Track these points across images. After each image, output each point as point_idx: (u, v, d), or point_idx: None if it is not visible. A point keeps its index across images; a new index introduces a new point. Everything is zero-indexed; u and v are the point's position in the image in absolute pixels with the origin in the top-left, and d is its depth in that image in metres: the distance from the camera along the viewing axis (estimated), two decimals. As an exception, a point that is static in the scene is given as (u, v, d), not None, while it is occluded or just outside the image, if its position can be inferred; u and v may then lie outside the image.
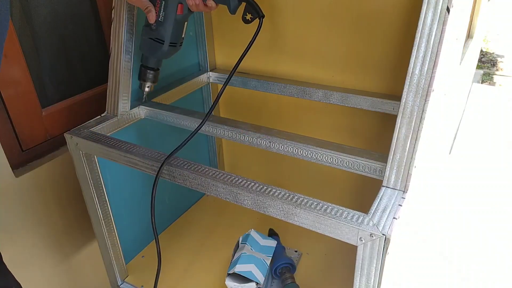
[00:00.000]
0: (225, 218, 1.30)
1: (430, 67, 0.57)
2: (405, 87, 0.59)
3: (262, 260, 0.98)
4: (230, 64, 1.25)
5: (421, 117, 0.59)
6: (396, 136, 0.61)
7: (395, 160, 0.62)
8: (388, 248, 0.54)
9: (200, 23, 1.17)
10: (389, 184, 0.64)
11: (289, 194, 0.62)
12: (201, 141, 1.37)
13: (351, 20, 0.98)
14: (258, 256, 0.99)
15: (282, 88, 1.09)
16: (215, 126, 0.87)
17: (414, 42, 0.58)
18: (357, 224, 0.55)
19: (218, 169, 0.70)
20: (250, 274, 0.93)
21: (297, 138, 0.78)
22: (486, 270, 1.57)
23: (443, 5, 0.55)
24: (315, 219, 0.58)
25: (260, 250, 1.01)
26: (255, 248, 1.01)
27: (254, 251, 1.00)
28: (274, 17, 1.09)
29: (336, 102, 1.02)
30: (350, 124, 1.11)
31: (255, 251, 1.00)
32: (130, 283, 1.08)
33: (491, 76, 3.99)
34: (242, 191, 0.64)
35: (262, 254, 1.00)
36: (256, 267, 0.95)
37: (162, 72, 1.12)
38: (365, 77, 1.02)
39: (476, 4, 1.68)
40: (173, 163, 0.73)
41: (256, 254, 0.99)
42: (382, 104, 0.96)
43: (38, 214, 1.00)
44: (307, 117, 1.17)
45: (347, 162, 0.72)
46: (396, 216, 0.57)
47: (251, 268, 0.95)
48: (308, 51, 1.08)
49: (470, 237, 1.74)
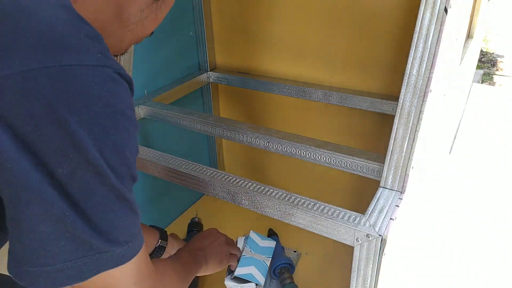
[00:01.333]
0: (224, 218, 1.31)
1: (428, 67, 0.57)
2: (402, 88, 0.59)
3: (262, 261, 0.98)
4: (230, 64, 1.25)
5: (418, 118, 0.59)
6: (393, 136, 0.62)
7: (393, 160, 0.62)
8: (384, 248, 0.54)
9: (200, 23, 1.17)
10: (386, 184, 0.64)
11: (286, 194, 0.62)
12: (201, 141, 1.38)
13: (351, 21, 0.98)
14: (258, 257, 0.99)
15: (281, 88, 1.09)
16: (214, 126, 0.87)
17: (412, 43, 0.58)
18: (354, 224, 0.55)
19: (216, 169, 0.70)
20: (250, 276, 0.93)
21: (295, 138, 0.78)
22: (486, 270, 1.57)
23: (440, 5, 0.55)
24: (312, 220, 0.58)
25: (259, 251, 1.01)
26: (254, 250, 1.01)
27: (253, 252, 1.00)
28: (274, 17, 1.09)
29: (336, 103, 1.02)
30: (349, 124, 1.11)
31: (255, 253, 1.00)
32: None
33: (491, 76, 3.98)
34: (239, 191, 0.65)
35: (262, 255, 1.00)
36: (256, 268, 0.95)
37: (162, 71, 1.13)
38: (364, 78, 1.02)
39: (476, 4, 1.67)
40: (172, 163, 0.73)
41: (255, 256, 0.99)
42: (381, 104, 0.96)
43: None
44: (307, 117, 1.18)
45: (345, 162, 0.72)
46: (393, 217, 0.57)
47: (251, 270, 0.95)
48: (307, 51, 1.08)
49: (470, 237, 1.74)
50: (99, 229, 0.37)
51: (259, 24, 1.12)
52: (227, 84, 1.22)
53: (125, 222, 0.39)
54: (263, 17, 1.11)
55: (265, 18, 1.11)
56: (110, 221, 0.38)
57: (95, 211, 0.36)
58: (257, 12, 1.11)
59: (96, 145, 0.35)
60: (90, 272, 0.38)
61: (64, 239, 0.35)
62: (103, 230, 0.37)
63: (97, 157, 0.35)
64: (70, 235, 0.36)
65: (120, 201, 0.38)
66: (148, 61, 1.06)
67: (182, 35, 1.17)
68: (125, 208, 0.39)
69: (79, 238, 0.36)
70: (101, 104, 0.35)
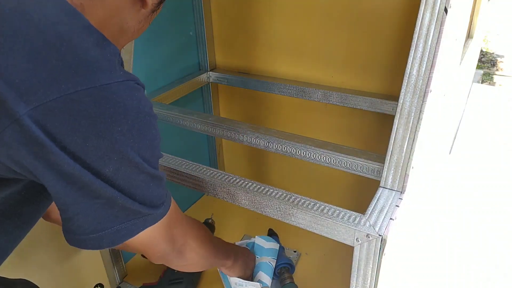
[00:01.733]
0: (225, 218, 1.30)
1: (428, 67, 0.57)
2: (402, 88, 0.59)
3: (268, 262, 0.98)
4: (230, 64, 1.25)
5: (418, 118, 0.59)
6: (393, 136, 0.62)
7: (392, 160, 0.62)
8: (384, 248, 0.54)
9: (200, 23, 1.17)
10: (386, 184, 0.64)
11: (286, 194, 0.62)
12: (201, 141, 1.38)
13: (350, 20, 0.98)
14: (264, 260, 0.98)
15: (281, 88, 1.09)
16: (214, 126, 0.87)
17: (412, 43, 0.58)
18: (354, 224, 0.55)
19: (216, 169, 0.70)
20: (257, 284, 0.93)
21: (295, 138, 0.78)
22: (486, 270, 1.57)
23: (440, 5, 0.55)
24: (312, 220, 0.58)
25: (265, 253, 1.01)
26: (260, 254, 1.00)
27: (260, 257, 0.99)
28: (274, 17, 1.09)
29: (335, 102, 1.02)
30: (349, 124, 1.11)
31: (261, 257, 0.99)
32: (129, 283, 1.08)
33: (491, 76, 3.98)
34: (239, 191, 0.65)
35: (268, 257, 1.00)
36: (263, 273, 0.95)
37: (162, 71, 1.13)
38: (364, 78, 1.02)
39: (476, 4, 1.67)
40: (172, 163, 0.73)
41: (262, 260, 0.99)
42: (381, 104, 0.96)
43: (38, 214, 1.00)
44: (306, 117, 1.18)
45: (345, 162, 0.72)
46: (393, 216, 0.57)
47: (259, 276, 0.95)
48: (308, 51, 1.08)
49: (470, 237, 1.74)
50: (142, 201, 0.47)
51: (259, 24, 1.12)
52: (227, 84, 1.22)
53: (159, 191, 0.50)
54: (263, 17, 1.11)
55: (265, 18, 1.11)
56: (149, 195, 0.48)
57: (138, 191, 0.46)
58: (257, 12, 1.11)
59: (134, 147, 0.44)
60: (138, 230, 0.49)
61: (117, 209, 0.45)
62: (146, 201, 0.48)
63: (135, 156, 0.44)
64: (121, 207, 0.45)
65: (153, 180, 0.48)
66: (148, 61, 1.06)
67: (182, 35, 1.17)
68: (157, 181, 0.49)
69: (129, 209, 0.46)
70: (135, 112, 0.43)
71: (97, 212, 0.44)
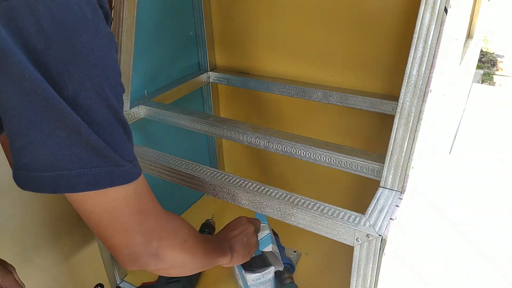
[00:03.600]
0: (225, 218, 1.30)
1: (428, 67, 0.57)
2: (402, 88, 0.59)
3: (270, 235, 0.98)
4: (230, 64, 1.25)
5: (418, 118, 0.59)
6: (393, 136, 0.62)
7: (392, 160, 0.62)
8: (384, 248, 0.54)
9: (200, 23, 1.17)
10: (386, 184, 0.64)
11: (286, 194, 0.62)
12: (201, 141, 1.38)
13: (350, 20, 0.98)
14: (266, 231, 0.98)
15: (281, 88, 1.09)
16: (214, 126, 0.87)
17: (412, 43, 0.58)
18: (354, 224, 0.55)
19: (215, 169, 0.70)
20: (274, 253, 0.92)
21: (295, 138, 0.78)
22: (486, 270, 1.57)
23: (440, 5, 0.55)
24: (312, 220, 0.58)
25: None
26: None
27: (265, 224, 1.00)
28: (274, 17, 1.09)
29: (335, 103, 1.02)
30: (349, 125, 1.11)
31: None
32: (129, 282, 1.08)
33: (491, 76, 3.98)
34: (239, 191, 0.65)
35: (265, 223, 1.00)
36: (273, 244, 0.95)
37: (162, 71, 1.13)
38: (364, 78, 1.02)
39: (476, 4, 1.67)
40: (172, 163, 0.73)
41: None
42: (381, 104, 0.96)
43: (38, 214, 1.00)
44: (306, 117, 1.18)
45: (345, 162, 0.72)
46: (393, 217, 0.57)
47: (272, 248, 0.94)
48: (307, 51, 1.08)
49: (470, 237, 1.74)
50: (108, 143, 0.41)
51: (259, 24, 1.12)
52: (227, 84, 1.22)
53: (126, 143, 0.43)
54: (263, 17, 1.11)
55: (265, 18, 1.11)
56: (115, 139, 0.42)
57: (101, 128, 0.40)
58: (257, 12, 1.11)
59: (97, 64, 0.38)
60: (104, 182, 0.41)
61: (79, 147, 0.39)
62: (110, 143, 0.41)
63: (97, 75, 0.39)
64: (85, 145, 0.39)
65: (119, 124, 0.42)
66: (148, 61, 1.06)
67: (182, 35, 1.17)
68: (121, 125, 0.43)
69: (94, 149, 0.40)
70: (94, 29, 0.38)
71: (56, 144, 0.38)
